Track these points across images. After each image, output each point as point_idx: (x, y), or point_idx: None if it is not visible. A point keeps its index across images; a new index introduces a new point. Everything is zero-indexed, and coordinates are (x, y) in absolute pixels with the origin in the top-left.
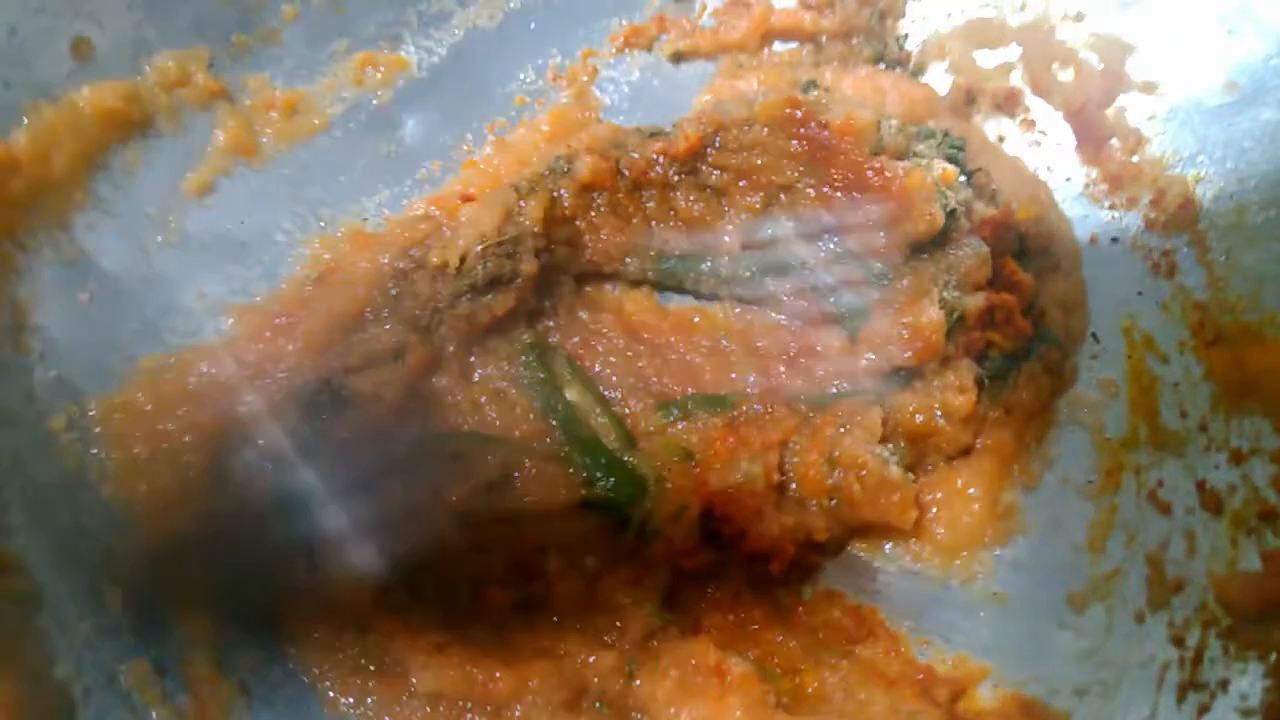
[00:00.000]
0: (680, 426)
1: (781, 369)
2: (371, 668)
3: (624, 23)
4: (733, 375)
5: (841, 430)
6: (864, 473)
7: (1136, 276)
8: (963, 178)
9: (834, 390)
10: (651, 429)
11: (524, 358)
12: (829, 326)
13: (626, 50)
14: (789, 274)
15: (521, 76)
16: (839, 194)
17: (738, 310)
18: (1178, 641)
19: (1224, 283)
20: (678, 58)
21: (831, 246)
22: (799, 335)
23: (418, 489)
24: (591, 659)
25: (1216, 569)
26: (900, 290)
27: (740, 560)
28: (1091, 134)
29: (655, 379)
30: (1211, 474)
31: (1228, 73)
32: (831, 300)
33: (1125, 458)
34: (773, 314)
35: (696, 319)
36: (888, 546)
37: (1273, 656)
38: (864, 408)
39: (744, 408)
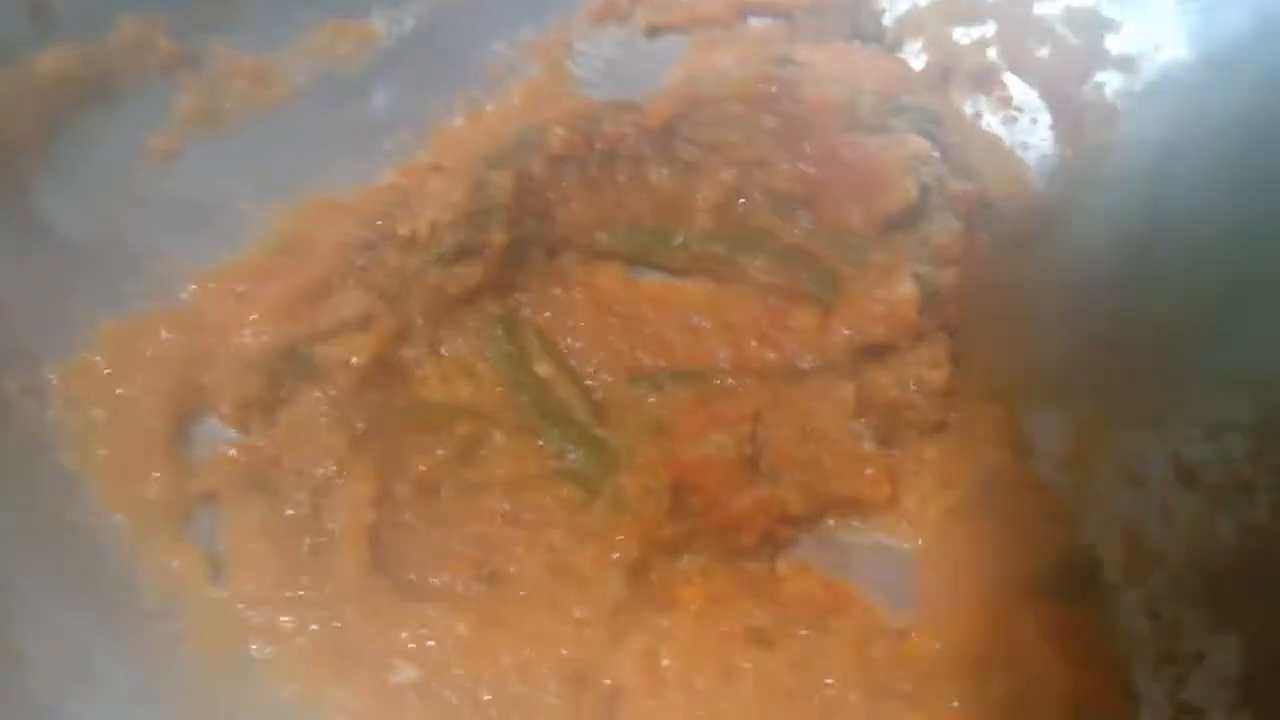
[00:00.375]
0: (652, 400)
1: (754, 343)
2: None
3: None
4: (705, 349)
5: (814, 404)
6: (836, 447)
7: (1108, 254)
8: (936, 153)
9: (807, 365)
10: (623, 403)
11: (493, 331)
12: (802, 301)
13: (600, 22)
14: (762, 249)
15: (493, 48)
16: (812, 169)
17: (710, 285)
18: (1153, 614)
19: (1198, 260)
20: (652, 30)
21: (805, 222)
22: (771, 310)
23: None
24: (562, 633)
25: (1192, 542)
26: (874, 265)
27: (712, 533)
28: (1068, 110)
29: (627, 353)
30: (1187, 448)
31: (1205, 48)
32: (805, 275)
33: (1099, 432)
34: (745, 289)
35: (668, 294)
36: (861, 520)
37: (1249, 628)
38: (837, 382)
39: (716, 382)
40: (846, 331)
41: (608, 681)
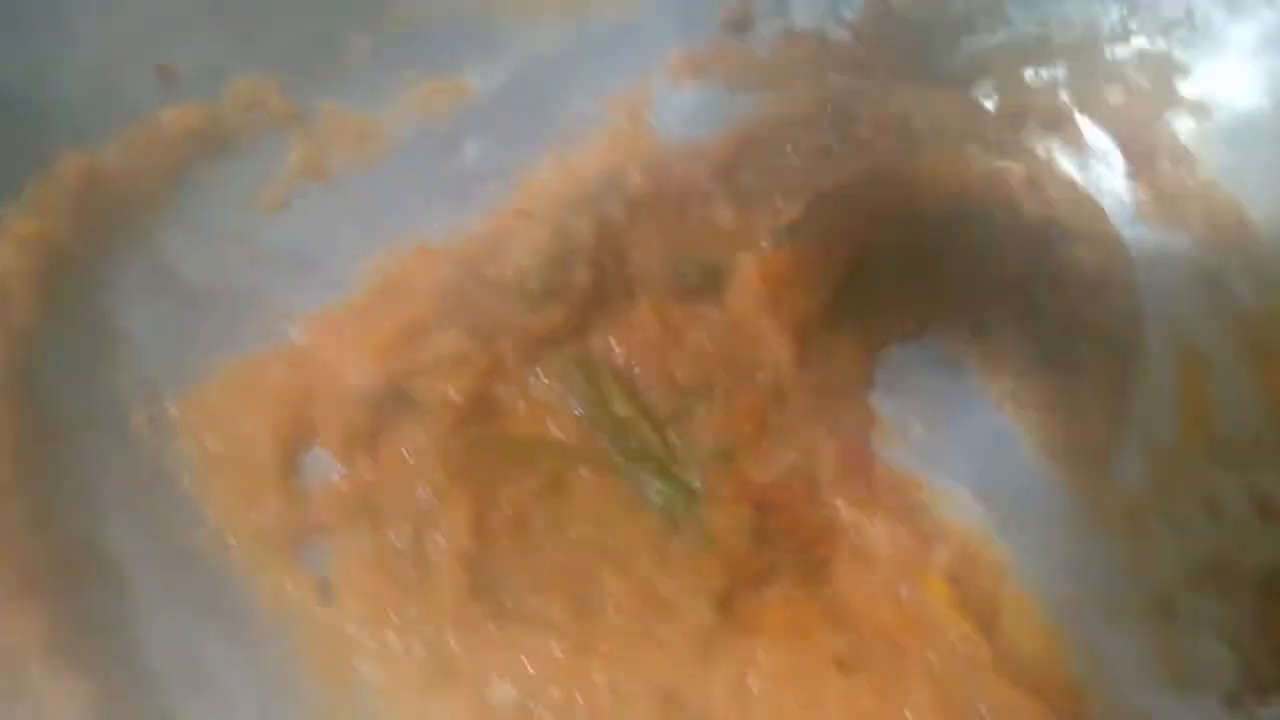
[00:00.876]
0: (712, 414)
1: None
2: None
3: (680, 51)
4: (761, 357)
5: None
6: None
7: (1187, 293)
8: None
9: None
10: (690, 431)
11: (572, 371)
12: None
13: (682, 77)
14: None
15: (579, 101)
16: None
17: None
18: (1235, 646)
19: (1275, 299)
20: (732, 86)
21: None
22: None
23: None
24: (653, 658)
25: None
26: None
27: (793, 558)
28: (1140, 153)
29: (679, 373)
30: (1265, 482)
31: (1277, 89)
32: None
33: (1178, 467)
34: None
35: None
36: None
37: None
38: None
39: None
40: None
41: (698, 704)
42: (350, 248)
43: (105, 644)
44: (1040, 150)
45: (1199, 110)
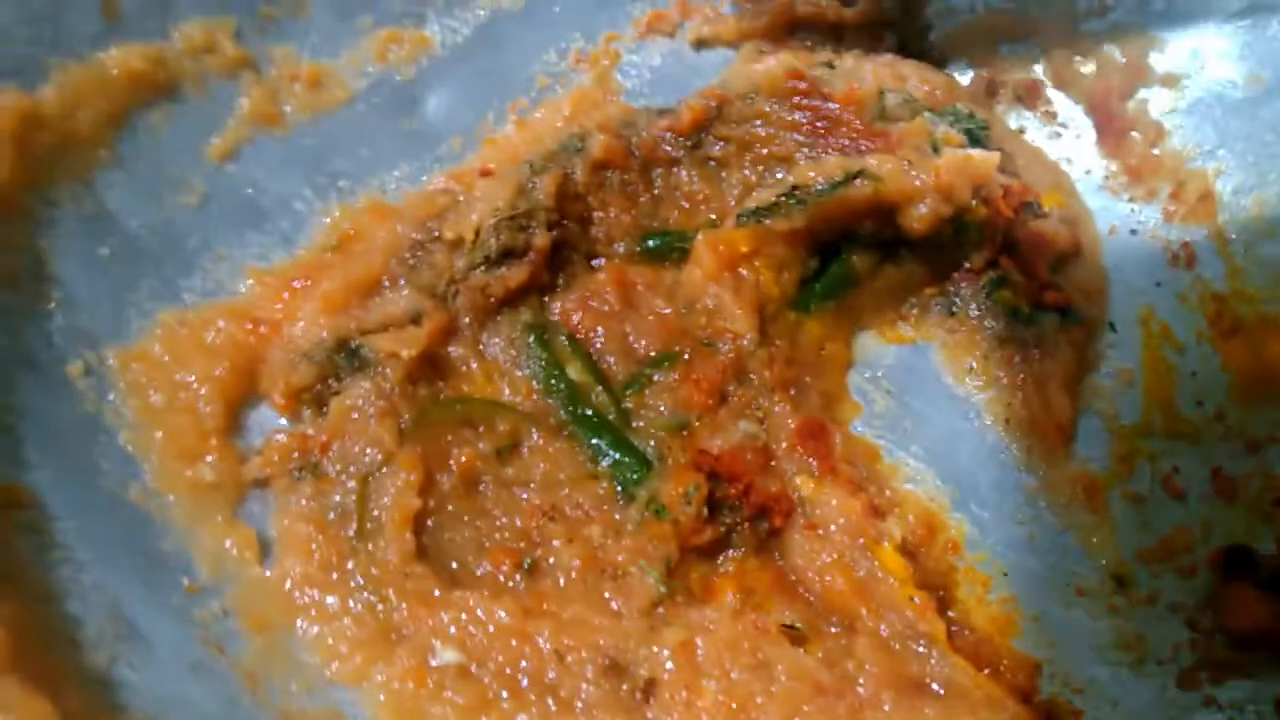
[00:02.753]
0: (662, 381)
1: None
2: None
3: (647, 9)
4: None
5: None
6: None
7: (1155, 268)
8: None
9: None
10: (646, 401)
11: (526, 335)
12: None
13: (649, 36)
14: None
15: (544, 58)
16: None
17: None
18: (1191, 625)
19: (1243, 274)
20: (700, 44)
21: None
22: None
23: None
24: (600, 624)
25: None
26: None
27: (746, 528)
28: (1112, 127)
29: (638, 341)
30: (1227, 462)
31: (1250, 65)
32: None
33: (1140, 444)
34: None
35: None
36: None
37: None
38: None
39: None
40: None
41: (644, 671)
42: (302, 201)
43: (18, 588)
44: (1013, 123)
45: (1171, 83)
